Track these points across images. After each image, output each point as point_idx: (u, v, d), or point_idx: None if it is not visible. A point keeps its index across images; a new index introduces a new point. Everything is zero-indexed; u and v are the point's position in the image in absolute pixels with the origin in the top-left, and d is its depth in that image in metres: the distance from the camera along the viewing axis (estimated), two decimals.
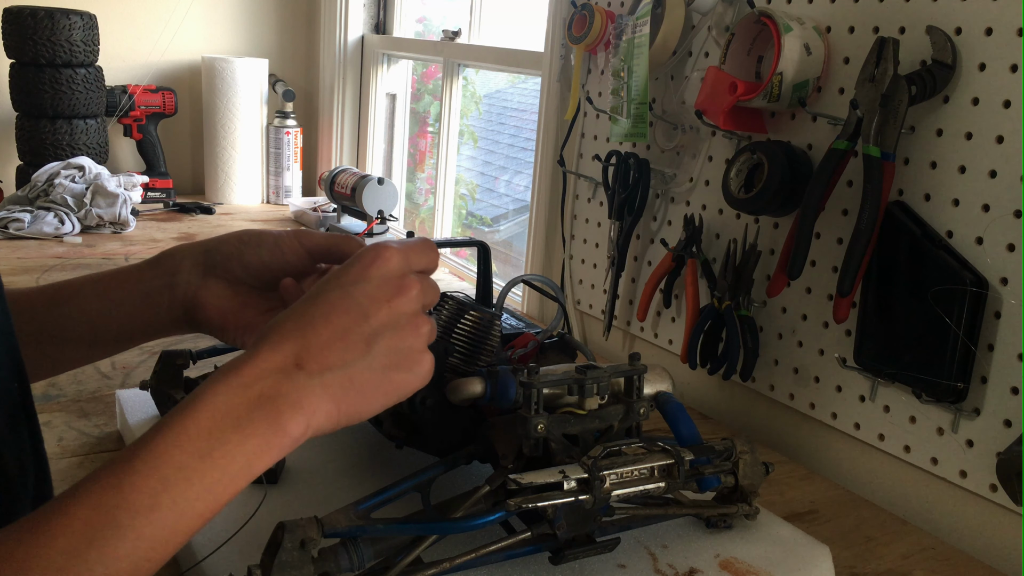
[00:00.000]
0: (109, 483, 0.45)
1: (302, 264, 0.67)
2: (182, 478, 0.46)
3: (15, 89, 2.20)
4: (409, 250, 0.56)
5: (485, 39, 2.16)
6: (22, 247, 1.90)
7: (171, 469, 0.46)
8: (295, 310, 0.53)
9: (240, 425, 0.48)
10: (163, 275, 0.67)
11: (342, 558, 0.65)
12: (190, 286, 0.66)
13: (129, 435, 1.00)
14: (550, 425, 0.75)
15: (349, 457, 0.95)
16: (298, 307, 0.53)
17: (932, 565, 0.93)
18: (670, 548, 0.82)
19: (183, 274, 0.66)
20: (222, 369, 0.50)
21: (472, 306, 0.88)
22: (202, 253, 0.67)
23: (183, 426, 0.47)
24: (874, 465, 1.09)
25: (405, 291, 0.54)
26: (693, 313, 1.25)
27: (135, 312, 0.66)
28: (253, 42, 2.65)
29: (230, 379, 0.49)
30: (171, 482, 0.46)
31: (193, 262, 0.67)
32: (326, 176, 2.21)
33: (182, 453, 0.46)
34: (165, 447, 0.46)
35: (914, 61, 1.00)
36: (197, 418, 0.47)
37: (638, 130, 1.32)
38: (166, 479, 0.45)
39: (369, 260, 0.54)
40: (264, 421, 0.49)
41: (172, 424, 0.47)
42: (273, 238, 0.67)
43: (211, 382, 0.49)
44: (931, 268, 0.97)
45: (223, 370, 0.50)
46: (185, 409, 0.48)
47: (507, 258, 2.60)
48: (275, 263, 0.66)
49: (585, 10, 1.43)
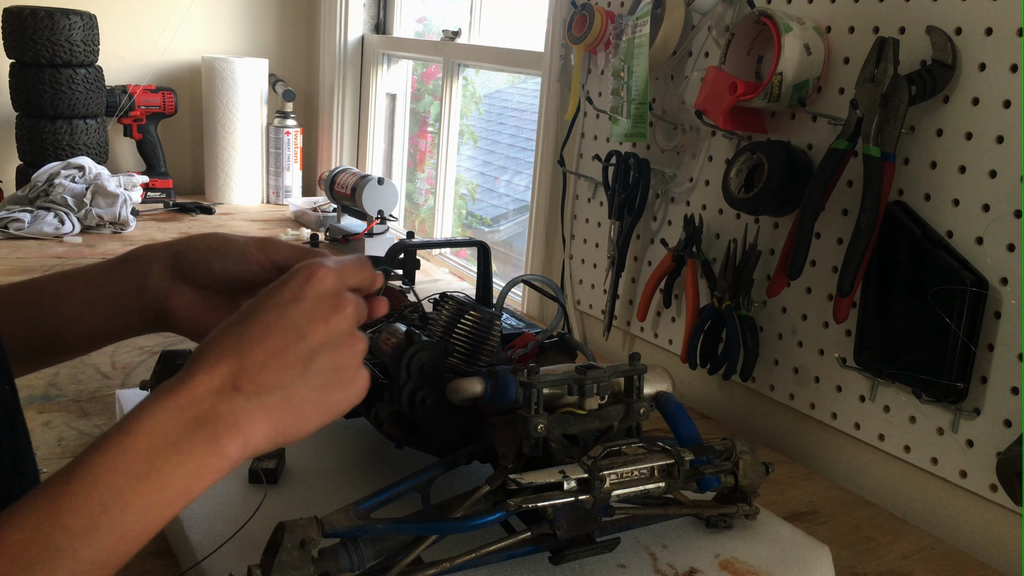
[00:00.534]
0: (46, 507, 0.44)
1: (268, 276, 0.65)
2: (120, 501, 0.46)
3: (15, 89, 2.20)
4: (343, 268, 0.55)
5: (485, 39, 2.16)
6: (22, 247, 1.90)
7: (109, 492, 0.45)
8: (230, 329, 0.52)
9: (178, 447, 0.48)
10: (133, 278, 0.66)
11: (342, 558, 0.65)
12: (160, 291, 0.66)
13: None
14: (550, 425, 0.75)
15: (349, 457, 0.95)
16: (233, 326, 0.52)
17: (932, 565, 0.93)
18: (670, 548, 0.82)
19: (153, 278, 0.66)
20: (159, 390, 0.49)
21: (472, 306, 0.88)
22: (171, 257, 0.67)
23: (120, 448, 0.47)
24: (874, 465, 1.09)
25: (341, 309, 0.54)
26: (693, 313, 1.25)
27: (105, 315, 0.66)
28: (253, 42, 2.65)
29: (167, 401, 0.49)
30: (109, 505, 0.45)
31: (163, 265, 0.66)
32: (326, 176, 2.21)
33: (119, 476, 0.46)
34: (103, 469, 0.46)
35: (914, 61, 1.00)
36: (135, 440, 0.47)
37: (638, 130, 1.32)
38: (104, 502, 0.45)
39: (304, 279, 0.54)
40: (202, 444, 0.48)
41: (109, 446, 0.47)
42: (240, 250, 0.66)
43: (148, 403, 0.49)
44: (931, 268, 0.97)
45: (160, 391, 0.49)
46: (122, 431, 0.47)
47: (507, 258, 2.60)
48: (242, 274, 0.66)
49: (585, 10, 1.43)
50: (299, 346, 0.52)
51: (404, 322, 0.92)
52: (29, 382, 1.18)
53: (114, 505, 0.45)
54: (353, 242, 2.08)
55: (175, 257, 0.67)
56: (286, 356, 0.51)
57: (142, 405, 0.49)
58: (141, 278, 0.66)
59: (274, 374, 0.51)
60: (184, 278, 0.66)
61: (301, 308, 0.52)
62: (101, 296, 0.66)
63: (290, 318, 0.52)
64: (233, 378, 0.50)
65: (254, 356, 0.51)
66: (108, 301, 0.66)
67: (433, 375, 0.81)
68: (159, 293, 0.66)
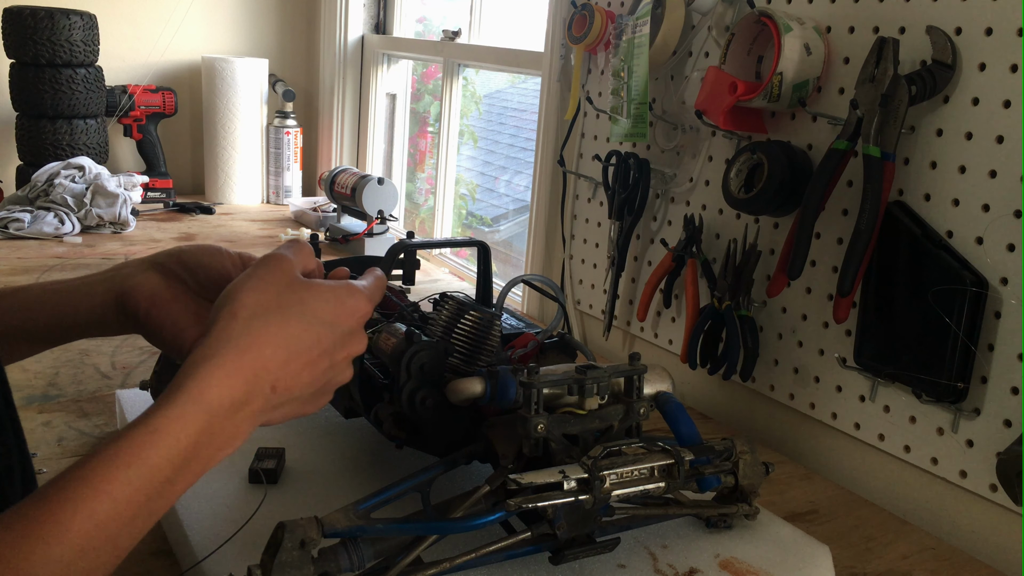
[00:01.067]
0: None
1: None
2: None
3: (15, 89, 2.20)
4: (375, 298, 0.61)
5: (485, 39, 2.16)
6: (22, 247, 1.90)
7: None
8: (261, 336, 0.54)
9: (197, 453, 0.51)
10: (109, 271, 0.68)
11: (342, 558, 0.66)
12: (128, 277, 0.66)
13: None
14: (550, 425, 0.75)
15: (349, 457, 0.95)
16: (266, 329, 0.54)
17: (932, 565, 0.93)
18: (670, 548, 0.82)
19: (126, 268, 0.67)
20: (181, 395, 0.50)
21: (472, 306, 0.88)
22: (155, 254, 0.68)
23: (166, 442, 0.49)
24: (874, 465, 1.09)
25: (363, 342, 0.60)
26: (693, 313, 1.25)
27: (69, 300, 0.66)
28: (253, 42, 2.65)
29: (200, 410, 0.50)
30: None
31: (142, 259, 0.68)
32: (326, 176, 2.21)
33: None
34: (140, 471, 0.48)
35: (914, 61, 1.00)
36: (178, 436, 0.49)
37: (638, 130, 1.32)
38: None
39: (351, 308, 0.58)
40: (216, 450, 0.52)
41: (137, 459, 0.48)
42: (224, 259, 0.67)
43: (179, 408, 0.50)
44: (931, 268, 0.97)
45: (192, 398, 0.50)
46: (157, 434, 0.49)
47: (507, 258, 2.60)
48: (221, 276, 0.67)
49: (585, 10, 1.43)
50: (324, 366, 0.57)
51: (404, 322, 0.92)
52: (29, 382, 1.18)
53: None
54: (353, 242, 2.08)
55: (159, 253, 0.68)
56: (314, 371, 0.56)
57: (169, 411, 0.50)
58: (116, 269, 0.68)
59: (298, 387, 0.56)
60: (157, 267, 0.67)
61: (335, 334, 0.57)
62: (72, 284, 0.67)
63: (326, 342, 0.56)
64: (271, 389, 0.54)
65: (288, 371, 0.55)
66: (77, 285, 0.67)
67: (433, 375, 0.81)
68: (127, 279, 0.66)
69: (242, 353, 0.53)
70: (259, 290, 0.56)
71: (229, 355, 0.52)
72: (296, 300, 0.56)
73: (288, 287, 0.57)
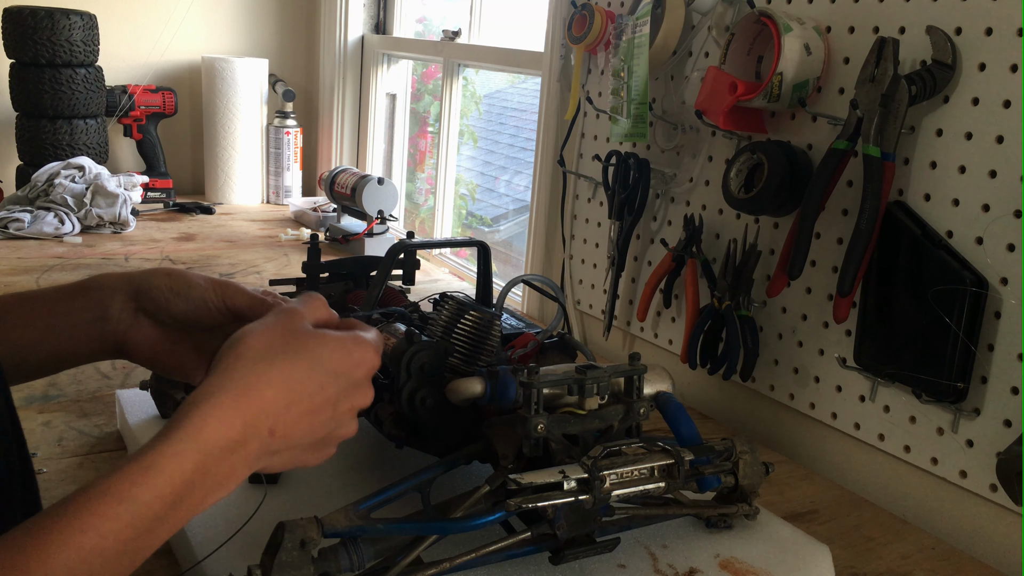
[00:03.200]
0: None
1: (224, 321, 0.67)
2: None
3: (15, 89, 2.20)
4: (380, 350, 0.61)
5: (485, 39, 2.16)
6: (22, 247, 1.90)
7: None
8: (270, 378, 0.54)
9: (193, 490, 0.51)
10: (93, 307, 0.66)
11: (342, 558, 0.66)
12: (122, 323, 0.67)
13: (129, 435, 1.00)
14: (550, 425, 0.75)
15: (349, 457, 0.95)
16: (273, 375, 0.54)
17: (932, 565, 0.93)
18: (670, 548, 0.82)
19: (114, 310, 0.66)
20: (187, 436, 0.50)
21: (472, 306, 0.88)
22: (132, 291, 0.67)
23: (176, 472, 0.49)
24: (874, 465, 1.09)
25: (368, 395, 0.60)
26: (693, 313, 1.25)
27: (65, 342, 0.66)
28: (253, 42, 2.65)
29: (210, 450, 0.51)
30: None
31: (125, 298, 0.67)
32: (326, 176, 2.21)
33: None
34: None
35: (914, 61, 1.00)
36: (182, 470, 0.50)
37: (638, 130, 1.32)
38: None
39: (358, 360, 0.58)
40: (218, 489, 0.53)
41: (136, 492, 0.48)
42: (199, 294, 0.66)
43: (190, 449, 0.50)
44: (931, 268, 0.97)
45: (196, 439, 0.50)
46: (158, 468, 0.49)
47: (507, 258, 2.60)
48: (200, 319, 0.67)
49: (585, 10, 1.43)
50: (327, 415, 0.57)
51: (404, 322, 0.92)
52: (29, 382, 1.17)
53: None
54: (353, 242, 2.08)
55: (137, 292, 0.67)
56: (315, 420, 0.56)
57: (181, 450, 0.50)
58: (103, 308, 0.66)
59: (297, 434, 0.55)
60: (145, 312, 0.67)
61: (340, 384, 0.57)
62: (61, 324, 0.66)
63: (330, 391, 0.56)
64: (270, 430, 0.54)
65: (288, 416, 0.54)
66: (69, 329, 0.66)
67: (433, 375, 0.81)
68: (120, 324, 0.67)
69: (243, 394, 0.52)
70: (267, 335, 0.56)
71: (229, 395, 0.52)
72: (302, 347, 0.56)
73: (296, 334, 0.57)
